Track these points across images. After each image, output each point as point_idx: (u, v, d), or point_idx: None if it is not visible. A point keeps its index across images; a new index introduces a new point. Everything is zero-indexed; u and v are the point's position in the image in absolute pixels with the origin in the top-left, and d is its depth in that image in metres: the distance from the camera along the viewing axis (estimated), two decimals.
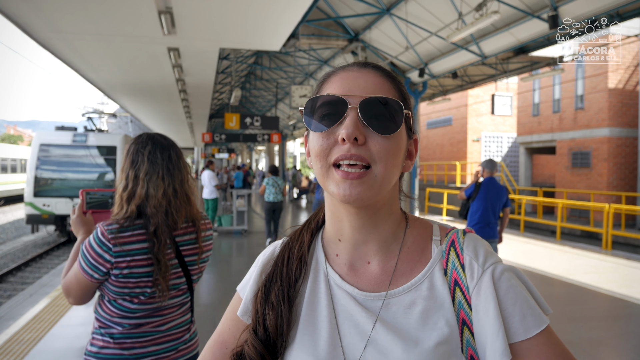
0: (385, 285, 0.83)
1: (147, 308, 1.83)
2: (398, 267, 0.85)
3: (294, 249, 0.92)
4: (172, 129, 28.57)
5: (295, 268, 0.89)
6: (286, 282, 0.88)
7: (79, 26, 7.71)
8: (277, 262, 0.92)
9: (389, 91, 0.82)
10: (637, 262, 9.01)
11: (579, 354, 4.61)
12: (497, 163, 6.28)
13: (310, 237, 0.94)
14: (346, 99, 0.78)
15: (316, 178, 0.84)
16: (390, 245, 0.86)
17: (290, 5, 6.86)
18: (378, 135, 0.78)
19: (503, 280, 0.77)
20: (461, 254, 0.81)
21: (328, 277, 0.88)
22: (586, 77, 19.07)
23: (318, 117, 0.80)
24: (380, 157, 0.77)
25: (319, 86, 0.87)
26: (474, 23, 8.26)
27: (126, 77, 12.58)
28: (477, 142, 26.69)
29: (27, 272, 11.00)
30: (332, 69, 0.88)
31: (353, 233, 0.85)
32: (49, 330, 5.07)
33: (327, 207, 0.89)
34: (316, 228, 0.96)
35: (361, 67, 0.84)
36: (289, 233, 0.98)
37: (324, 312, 0.85)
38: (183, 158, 1.99)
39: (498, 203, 5.98)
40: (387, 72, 0.86)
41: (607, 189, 18.23)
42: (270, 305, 0.87)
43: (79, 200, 2.06)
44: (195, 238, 1.97)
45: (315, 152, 0.80)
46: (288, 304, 0.86)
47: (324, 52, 16.20)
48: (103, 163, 13.35)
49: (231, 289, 6.03)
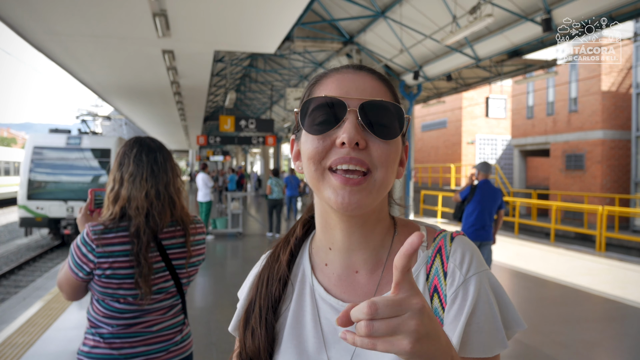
0: (371, 294, 0.82)
1: (134, 309, 1.84)
2: (384, 275, 0.83)
3: (274, 270, 0.91)
4: (166, 131, 28.54)
5: (275, 290, 0.88)
6: (264, 307, 0.87)
7: (74, 28, 7.70)
8: (257, 285, 0.91)
9: (386, 95, 0.81)
10: (630, 263, 9.05)
11: (573, 355, 4.63)
12: (492, 166, 6.31)
13: (289, 256, 0.92)
14: (345, 101, 0.75)
15: (309, 183, 0.80)
16: (378, 253, 0.84)
17: (285, 8, 6.87)
18: (379, 140, 0.75)
19: (481, 293, 0.76)
20: (446, 262, 0.79)
21: (314, 291, 0.86)
22: (580, 80, 19.18)
23: (313, 119, 0.77)
24: (381, 163, 0.75)
25: (310, 88, 0.84)
26: (468, 26, 8.29)
27: (120, 80, 12.56)
28: (471, 145, 26.76)
29: (20, 276, 10.94)
30: (324, 71, 0.85)
31: (344, 242, 0.83)
32: (43, 333, 5.04)
33: (319, 214, 0.86)
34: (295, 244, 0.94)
35: (356, 70, 0.82)
36: (271, 247, 0.96)
37: (309, 326, 0.84)
38: (172, 161, 1.99)
39: (493, 205, 6.00)
40: (382, 75, 0.84)
41: (600, 191, 18.32)
42: (250, 330, 0.87)
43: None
44: (183, 242, 1.96)
45: (309, 155, 0.77)
46: (265, 329, 0.85)
47: (318, 55, 16.22)
48: (97, 166, 13.28)
49: (226, 292, 6.02)
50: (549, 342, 4.89)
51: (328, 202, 0.76)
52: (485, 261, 0.83)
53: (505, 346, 0.75)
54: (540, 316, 5.86)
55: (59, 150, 13.14)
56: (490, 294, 0.77)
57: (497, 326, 0.75)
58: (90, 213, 2.01)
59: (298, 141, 0.85)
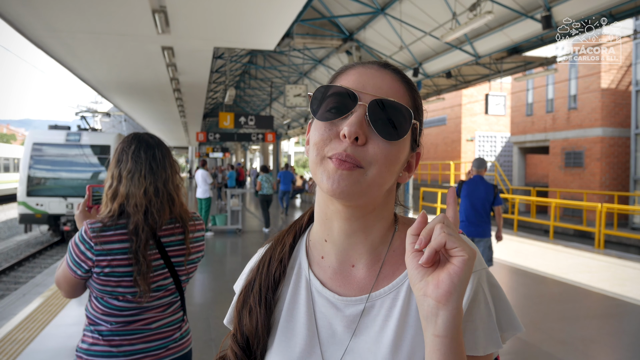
0: (367, 288, 0.82)
1: (133, 307, 1.84)
2: (382, 270, 0.83)
3: (276, 251, 0.91)
4: (166, 128, 28.52)
5: (275, 270, 0.88)
6: (264, 285, 0.87)
7: (73, 25, 7.69)
8: (258, 266, 0.91)
9: (403, 97, 0.80)
10: (629, 261, 9.08)
11: (572, 352, 4.64)
12: (486, 162, 6.31)
13: (292, 239, 0.92)
14: (358, 94, 0.76)
15: (310, 167, 0.82)
16: (377, 249, 0.84)
17: (284, 5, 6.86)
18: (380, 139, 0.75)
19: (479, 291, 0.76)
20: None
21: (309, 284, 0.86)
22: (579, 77, 19.17)
23: (325, 107, 0.78)
24: (375, 161, 0.75)
25: (335, 76, 0.85)
26: (468, 23, 8.29)
27: (120, 76, 12.55)
28: (471, 142, 26.76)
29: (20, 272, 10.95)
30: (352, 63, 0.86)
31: (340, 234, 0.83)
32: (42, 330, 5.05)
33: (317, 204, 0.87)
34: (300, 231, 0.94)
35: (381, 67, 0.82)
36: (275, 236, 0.97)
37: (302, 319, 0.84)
38: (170, 157, 1.98)
39: (483, 201, 6.00)
40: (406, 78, 0.84)
41: (599, 188, 18.33)
42: (247, 309, 0.86)
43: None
44: (182, 239, 1.96)
45: (315, 141, 0.78)
46: (265, 307, 0.85)
47: (318, 52, 16.21)
48: (96, 162, 13.27)
49: (225, 289, 6.03)
50: (548, 339, 4.91)
51: (321, 186, 0.77)
52: (483, 259, 0.82)
53: (499, 346, 0.76)
54: (539, 313, 5.87)
55: (59, 146, 13.14)
56: (487, 293, 0.77)
57: (492, 326, 0.76)
58: (89, 209, 2.01)
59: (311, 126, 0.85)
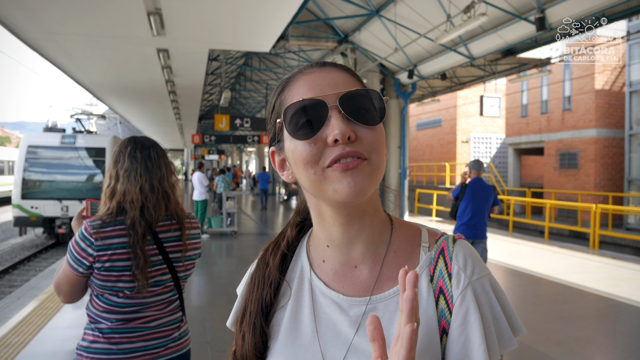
0: (370, 289, 0.82)
1: (133, 302, 1.89)
2: (383, 270, 0.83)
3: (264, 274, 0.91)
4: (161, 130, 28.45)
5: (266, 295, 0.88)
6: (254, 312, 0.88)
7: (68, 27, 7.67)
8: (249, 289, 0.92)
9: (355, 84, 0.80)
10: (623, 261, 9.12)
11: (567, 352, 4.66)
12: (484, 164, 6.33)
13: (280, 259, 0.91)
14: (323, 99, 0.75)
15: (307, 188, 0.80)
16: (377, 248, 0.84)
17: (279, 7, 6.87)
18: (365, 128, 0.76)
19: (487, 296, 0.78)
20: (450, 263, 0.80)
21: (312, 286, 0.87)
22: (573, 79, 19.25)
23: (296, 125, 0.76)
24: (373, 148, 0.76)
25: (279, 96, 0.83)
26: (462, 25, 8.32)
27: (115, 78, 12.52)
28: (466, 143, 26.83)
29: (14, 275, 10.89)
30: (287, 76, 0.84)
31: (343, 237, 0.83)
32: (37, 333, 5.03)
33: (315, 213, 0.86)
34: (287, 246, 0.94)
35: (321, 67, 0.82)
36: (262, 251, 0.96)
37: (306, 321, 0.84)
38: (165, 158, 2.07)
39: (486, 203, 6.02)
40: (346, 67, 0.84)
41: (594, 189, 18.41)
42: (241, 334, 0.88)
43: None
44: (179, 235, 2.03)
45: (305, 161, 0.76)
46: (254, 335, 0.86)
47: (313, 54, 16.24)
48: (92, 165, 13.23)
49: (221, 291, 6.02)
50: (543, 339, 4.92)
51: (334, 197, 0.75)
52: (485, 264, 0.84)
53: (513, 344, 0.78)
54: (534, 314, 5.89)
55: (54, 149, 13.09)
56: (493, 297, 0.79)
57: (504, 327, 0.78)
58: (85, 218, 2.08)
59: (281, 151, 0.84)
